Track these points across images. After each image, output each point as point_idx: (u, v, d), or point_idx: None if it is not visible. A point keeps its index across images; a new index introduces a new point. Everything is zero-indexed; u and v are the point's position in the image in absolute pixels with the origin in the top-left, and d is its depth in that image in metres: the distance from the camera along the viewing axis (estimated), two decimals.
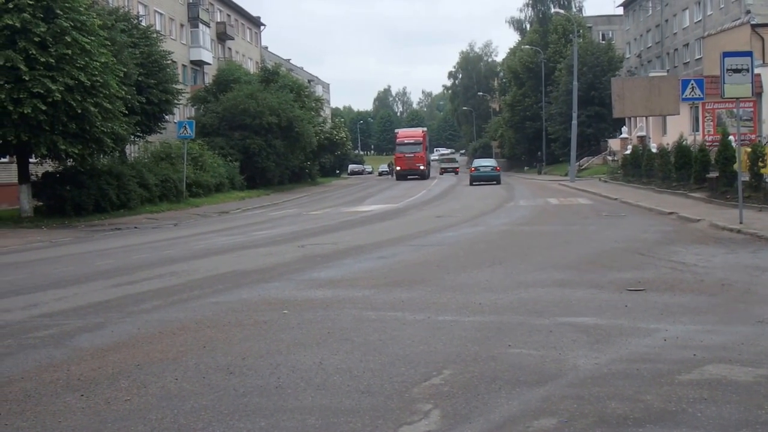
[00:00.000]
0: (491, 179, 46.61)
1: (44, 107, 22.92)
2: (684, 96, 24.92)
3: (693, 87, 24.33)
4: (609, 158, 52.58)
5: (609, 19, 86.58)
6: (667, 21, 66.12)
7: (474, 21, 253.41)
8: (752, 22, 42.41)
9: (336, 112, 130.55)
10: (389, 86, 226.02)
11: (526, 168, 74.72)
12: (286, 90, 53.43)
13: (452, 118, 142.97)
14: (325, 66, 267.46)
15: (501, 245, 14.54)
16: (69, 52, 23.42)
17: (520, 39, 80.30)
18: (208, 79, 57.09)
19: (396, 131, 72.95)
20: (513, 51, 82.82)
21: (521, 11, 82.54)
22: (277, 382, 5.64)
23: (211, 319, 8.13)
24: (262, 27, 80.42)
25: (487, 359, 6.11)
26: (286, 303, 8.94)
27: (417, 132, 68.46)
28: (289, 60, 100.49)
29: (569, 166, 48.24)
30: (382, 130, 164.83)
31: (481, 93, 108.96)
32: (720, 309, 7.91)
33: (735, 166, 20.25)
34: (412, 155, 62.50)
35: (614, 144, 53.36)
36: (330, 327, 7.51)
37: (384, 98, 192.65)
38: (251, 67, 68.70)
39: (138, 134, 35.44)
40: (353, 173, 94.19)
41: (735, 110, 19.39)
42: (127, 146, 36.65)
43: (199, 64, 59.42)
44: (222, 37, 65.88)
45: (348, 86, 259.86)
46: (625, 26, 79.42)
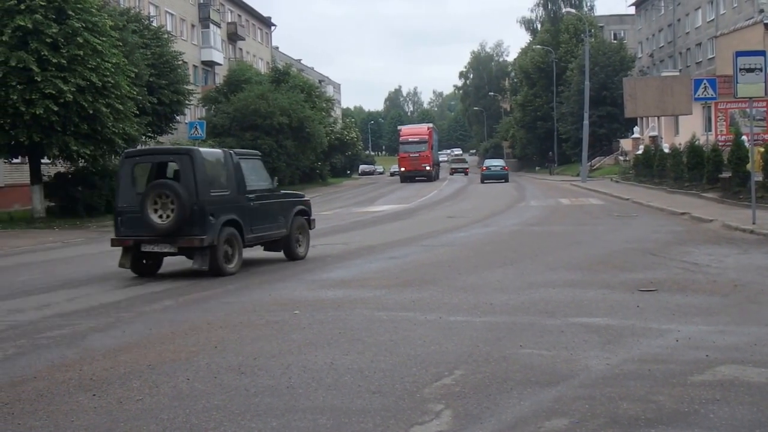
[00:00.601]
0: (500, 177, 52.61)
1: (56, 108, 23.07)
2: (696, 96, 24.72)
3: (705, 86, 24.14)
4: (621, 158, 52.38)
5: (621, 19, 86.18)
6: (680, 20, 65.82)
7: (485, 21, 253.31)
8: (765, 22, 42.07)
9: (347, 113, 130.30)
10: (400, 86, 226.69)
11: (538, 168, 74.43)
12: (297, 90, 53.51)
13: (463, 118, 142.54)
14: (336, 66, 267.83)
15: (512, 246, 14.52)
16: (81, 53, 23.53)
17: (532, 39, 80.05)
18: (219, 80, 57.22)
19: (399, 128, 67.53)
20: (524, 51, 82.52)
21: (532, 11, 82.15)
22: (289, 382, 5.65)
23: (223, 319, 8.16)
24: (273, 27, 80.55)
25: (499, 360, 6.10)
26: (297, 303, 8.95)
27: (422, 129, 61.87)
28: (300, 60, 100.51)
29: (581, 167, 48.11)
30: (393, 131, 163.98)
31: (492, 93, 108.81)
32: (732, 310, 7.87)
33: (748, 166, 20.15)
34: (417, 155, 56.66)
35: (626, 144, 53.15)
36: (341, 327, 7.52)
37: (395, 98, 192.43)
38: (262, 68, 68.79)
39: (149, 135, 35.51)
40: (364, 173, 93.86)
41: (748, 110, 19.33)
42: (139, 147, 36.72)
43: (210, 65, 59.55)
44: (233, 38, 65.97)
45: (359, 86, 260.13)
46: (637, 26, 79.10)
